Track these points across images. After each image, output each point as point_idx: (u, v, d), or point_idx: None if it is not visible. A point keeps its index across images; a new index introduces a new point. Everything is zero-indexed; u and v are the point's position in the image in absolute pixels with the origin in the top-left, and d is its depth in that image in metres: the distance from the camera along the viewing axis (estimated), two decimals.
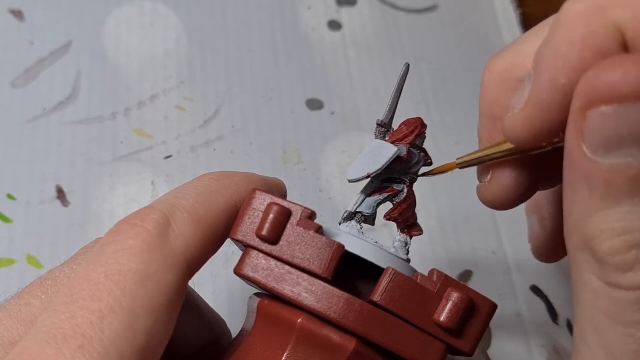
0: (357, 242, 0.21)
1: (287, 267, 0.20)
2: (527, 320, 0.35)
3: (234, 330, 0.25)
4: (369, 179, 0.23)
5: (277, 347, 0.20)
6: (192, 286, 0.24)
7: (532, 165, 0.22)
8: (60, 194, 0.35)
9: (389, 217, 0.24)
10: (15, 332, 0.20)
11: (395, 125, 0.24)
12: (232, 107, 0.39)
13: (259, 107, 0.39)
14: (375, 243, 0.22)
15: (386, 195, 0.23)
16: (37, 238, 0.34)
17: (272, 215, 0.20)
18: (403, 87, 0.24)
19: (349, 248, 0.21)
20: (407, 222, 0.24)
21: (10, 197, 0.35)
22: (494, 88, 0.22)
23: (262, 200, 0.21)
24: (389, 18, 0.44)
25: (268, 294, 0.21)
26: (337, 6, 0.44)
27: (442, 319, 0.20)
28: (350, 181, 0.23)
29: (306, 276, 0.20)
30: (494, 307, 0.21)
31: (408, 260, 0.23)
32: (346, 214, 0.23)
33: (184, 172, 0.37)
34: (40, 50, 0.39)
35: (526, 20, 0.45)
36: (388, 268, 0.20)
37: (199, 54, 0.41)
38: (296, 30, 0.42)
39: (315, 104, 0.40)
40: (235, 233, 0.21)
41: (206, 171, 0.23)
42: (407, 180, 0.24)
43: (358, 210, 0.23)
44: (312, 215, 0.21)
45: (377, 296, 0.20)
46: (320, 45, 0.42)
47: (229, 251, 0.34)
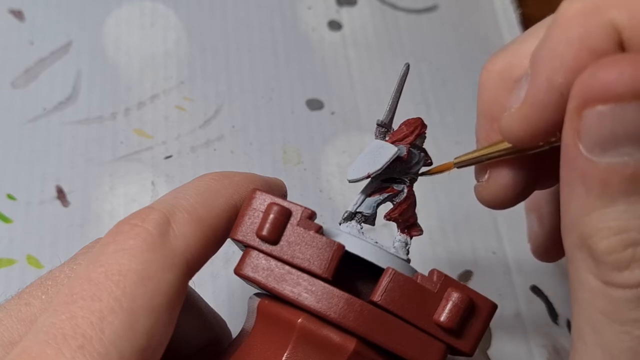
0: (357, 242, 0.21)
1: (287, 267, 0.20)
2: (527, 320, 0.35)
3: (234, 330, 0.25)
4: (369, 179, 0.23)
5: (277, 347, 0.20)
6: (192, 286, 0.24)
7: (529, 165, 0.22)
8: (60, 194, 0.35)
9: (389, 217, 0.24)
10: (15, 332, 0.20)
11: (395, 125, 0.24)
12: (232, 107, 0.39)
13: (259, 107, 0.39)
14: (375, 243, 0.22)
15: (386, 195, 0.23)
16: (37, 238, 0.34)
17: (272, 215, 0.20)
18: (403, 87, 0.24)
19: (349, 248, 0.21)
20: (407, 222, 0.24)
21: (10, 197, 0.35)
22: (491, 88, 0.22)
23: (262, 200, 0.21)
24: (389, 18, 0.44)
25: (268, 294, 0.21)
26: (337, 6, 0.44)
27: (442, 319, 0.20)
28: (350, 181, 0.23)
29: (306, 276, 0.20)
30: (494, 307, 0.21)
31: (408, 260, 0.23)
32: (346, 214, 0.23)
33: (184, 172, 0.37)
34: (40, 50, 0.39)
35: (526, 20, 0.45)
36: (388, 268, 0.20)
37: (199, 54, 0.41)
38: (296, 30, 0.42)
39: (315, 104, 0.40)
40: (235, 233, 0.21)
41: (206, 171, 0.23)
42: (407, 180, 0.24)
43: (358, 210, 0.23)
44: (312, 215, 0.21)
45: (377, 296, 0.20)
46: (320, 45, 0.42)
47: (229, 251, 0.34)
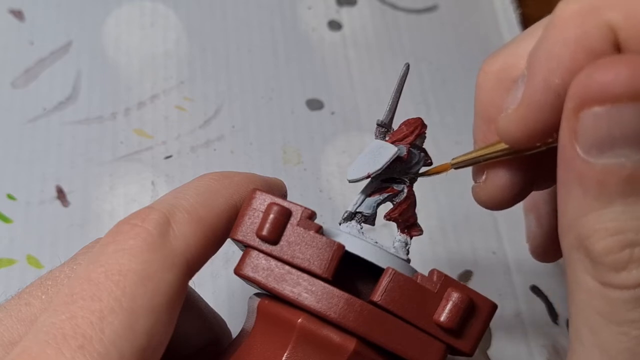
0: (357, 242, 0.21)
1: (287, 267, 0.20)
2: (527, 320, 0.35)
3: (234, 330, 0.25)
4: (369, 179, 0.23)
5: (277, 347, 0.20)
6: (192, 286, 0.24)
7: (526, 165, 0.22)
8: (60, 194, 0.35)
9: (389, 217, 0.24)
10: (15, 332, 0.20)
11: (395, 125, 0.24)
12: (232, 107, 0.39)
13: (259, 107, 0.39)
14: (375, 243, 0.22)
15: (386, 195, 0.23)
16: (37, 238, 0.34)
17: (272, 215, 0.20)
18: (403, 87, 0.24)
19: (349, 248, 0.21)
20: (407, 222, 0.24)
21: (10, 197, 0.35)
22: (488, 89, 0.22)
23: (262, 200, 0.21)
24: (389, 18, 0.44)
25: (268, 294, 0.21)
26: (337, 6, 0.44)
27: (442, 319, 0.20)
28: (350, 181, 0.23)
29: (306, 276, 0.20)
30: (494, 307, 0.21)
31: (408, 260, 0.23)
32: (346, 214, 0.23)
33: (184, 172, 0.37)
34: (40, 50, 0.39)
35: (526, 20, 0.45)
36: (388, 268, 0.20)
37: (199, 54, 0.41)
38: (296, 30, 0.42)
39: (315, 104, 0.40)
40: (235, 233, 0.21)
41: (206, 171, 0.23)
42: (407, 180, 0.24)
43: (358, 210, 0.23)
44: (312, 215, 0.21)
45: (377, 296, 0.20)
46: (320, 45, 0.42)
47: (229, 251, 0.34)
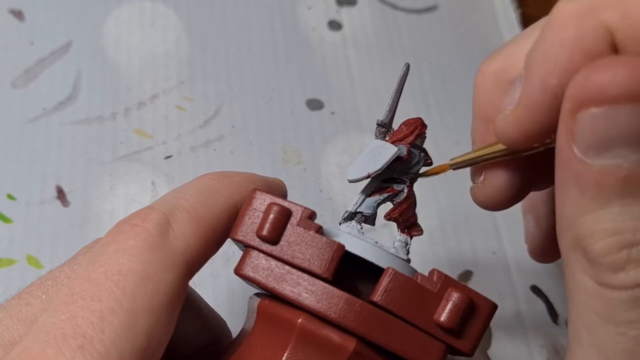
0: (357, 242, 0.21)
1: (287, 267, 0.20)
2: (527, 320, 0.35)
3: (234, 330, 0.25)
4: (369, 179, 0.23)
5: (277, 347, 0.20)
6: (192, 286, 0.24)
7: (524, 166, 0.22)
8: (60, 194, 0.35)
9: (389, 217, 0.24)
10: (16, 332, 0.20)
11: (395, 125, 0.24)
12: (232, 107, 0.39)
13: (259, 107, 0.39)
14: (375, 243, 0.22)
15: (386, 195, 0.23)
16: (37, 238, 0.34)
17: (272, 215, 0.20)
18: (403, 87, 0.24)
19: (349, 248, 0.21)
20: (407, 222, 0.24)
21: (10, 197, 0.35)
22: (486, 89, 0.22)
23: (262, 200, 0.21)
24: (389, 18, 0.44)
25: (268, 294, 0.21)
26: (337, 6, 0.44)
27: (442, 319, 0.20)
28: (350, 181, 0.23)
29: (306, 276, 0.20)
30: (494, 307, 0.21)
31: (408, 260, 0.23)
32: (346, 214, 0.23)
33: (184, 172, 0.37)
34: (40, 50, 0.39)
35: (526, 20, 0.45)
36: (388, 268, 0.20)
37: (199, 54, 0.41)
38: (296, 30, 0.42)
39: (315, 104, 0.40)
40: (235, 233, 0.21)
41: (206, 171, 0.23)
42: (407, 180, 0.24)
43: (358, 210, 0.23)
44: (312, 215, 0.21)
45: (377, 296, 0.20)
46: (320, 45, 0.42)
47: (229, 251, 0.34)
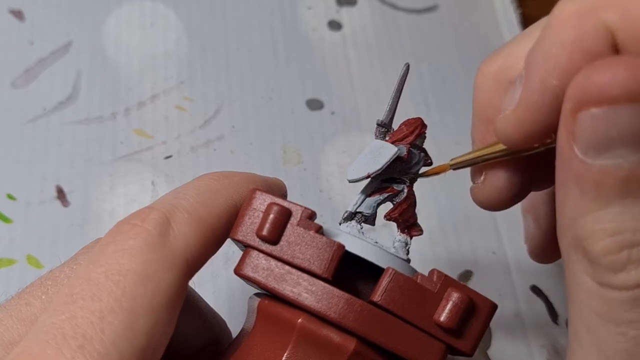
0: (357, 242, 0.21)
1: (287, 267, 0.20)
2: (527, 320, 0.35)
3: (234, 330, 0.25)
4: (369, 179, 0.23)
5: (277, 347, 0.20)
6: (192, 286, 0.24)
7: (525, 166, 0.22)
8: (60, 194, 0.35)
9: (389, 217, 0.24)
10: (16, 332, 0.20)
11: (395, 125, 0.24)
12: (232, 107, 0.39)
13: (259, 107, 0.39)
14: (375, 243, 0.22)
15: (386, 195, 0.23)
16: (37, 238, 0.34)
17: (272, 215, 0.20)
18: (403, 87, 0.24)
19: (349, 248, 0.21)
20: (407, 222, 0.24)
21: (10, 197, 0.35)
22: (486, 90, 0.22)
23: (262, 200, 0.21)
24: (389, 18, 0.44)
25: (268, 294, 0.21)
26: (337, 6, 0.44)
27: (442, 319, 0.20)
28: (350, 181, 0.23)
29: (306, 276, 0.20)
30: (494, 307, 0.21)
31: (408, 260, 0.23)
32: (346, 214, 0.23)
33: (184, 172, 0.37)
34: (40, 50, 0.39)
35: (526, 20, 0.45)
36: (388, 268, 0.20)
37: (199, 54, 0.41)
38: (296, 30, 0.42)
39: (315, 104, 0.40)
40: (235, 233, 0.21)
41: (206, 171, 0.23)
42: (407, 180, 0.24)
43: (358, 210, 0.23)
44: (312, 215, 0.21)
45: (377, 296, 0.20)
46: (320, 45, 0.42)
47: (229, 251, 0.34)
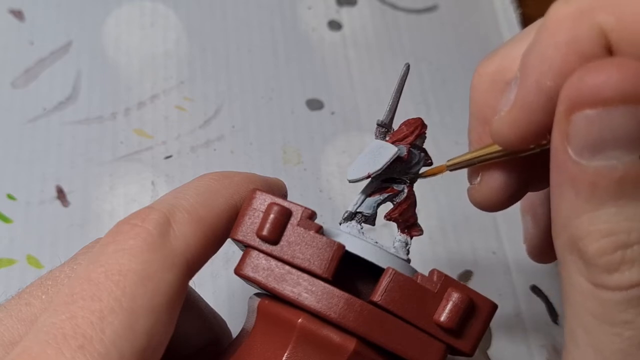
0: (357, 242, 0.21)
1: (287, 267, 0.20)
2: (527, 320, 0.35)
3: (234, 330, 0.25)
4: (369, 179, 0.23)
5: (278, 347, 0.20)
6: (192, 286, 0.24)
7: (521, 167, 0.22)
8: (60, 194, 0.35)
9: (389, 217, 0.24)
10: (16, 332, 0.20)
11: (395, 125, 0.24)
12: (232, 107, 0.39)
13: (259, 107, 0.39)
14: (375, 243, 0.22)
15: (386, 195, 0.23)
16: (37, 238, 0.34)
17: (272, 215, 0.20)
18: (403, 87, 0.24)
19: (349, 248, 0.21)
20: (407, 222, 0.24)
21: (10, 197, 0.35)
22: (483, 90, 0.22)
23: (263, 200, 0.21)
24: (389, 18, 0.44)
25: (268, 294, 0.21)
26: (337, 6, 0.44)
27: (442, 319, 0.20)
28: (350, 181, 0.23)
29: (306, 276, 0.20)
30: (494, 307, 0.21)
31: (408, 260, 0.23)
32: (346, 214, 0.23)
33: (184, 172, 0.37)
34: (40, 50, 0.39)
35: (526, 20, 0.45)
36: (388, 268, 0.20)
37: (199, 54, 0.41)
38: (296, 30, 0.42)
39: (315, 104, 0.40)
40: (235, 233, 0.21)
41: (206, 171, 0.23)
42: (407, 180, 0.24)
43: (358, 210, 0.23)
44: (312, 215, 0.21)
45: (377, 296, 0.20)
46: (320, 45, 0.42)
47: (229, 251, 0.34)
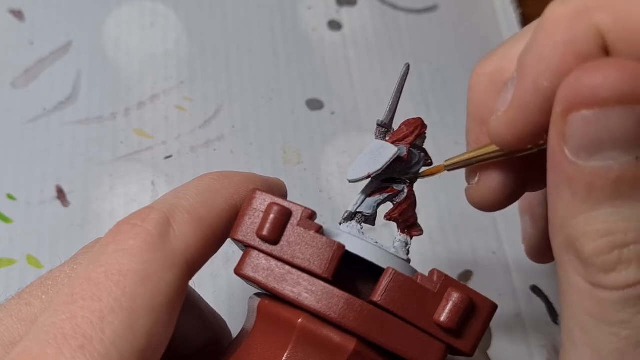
0: (357, 242, 0.21)
1: (287, 267, 0.20)
2: (527, 320, 0.35)
3: (234, 330, 0.25)
4: (369, 179, 0.23)
5: (278, 347, 0.20)
6: (192, 286, 0.24)
7: (519, 167, 0.22)
8: (60, 194, 0.35)
9: (389, 217, 0.24)
10: (16, 332, 0.20)
11: (395, 125, 0.24)
12: (232, 107, 0.39)
13: (259, 107, 0.39)
14: (375, 243, 0.22)
15: (386, 195, 0.23)
16: (37, 238, 0.34)
17: (272, 215, 0.20)
18: (403, 87, 0.24)
19: (349, 248, 0.21)
20: (407, 222, 0.24)
21: (10, 197, 0.35)
22: (481, 91, 0.22)
23: (263, 200, 0.21)
24: (389, 18, 0.44)
25: (268, 294, 0.21)
26: (337, 6, 0.44)
27: (442, 319, 0.20)
28: (350, 181, 0.23)
29: (306, 276, 0.20)
30: (494, 307, 0.21)
31: (408, 260, 0.23)
32: (346, 214, 0.23)
33: (184, 172, 0.37)
34: (40, 50, 0.39)
35: (526, 20, 0.45)
36: (388, 268, 0.20)
37: (199, 54, 0.41)
38: (296, 30, 0.42)
39: (315, 104, 0.40)
40: (235, 233, 0.21)
41: (206, 171, 0.23)
42: (407, 180, 0.24)
43: (358, 210, 0.23)
44: (312, 215, 0.21)
45: (377, 296, 0.20)
46: (320, 45, 0.42)
47: (229, 251, 0.34)
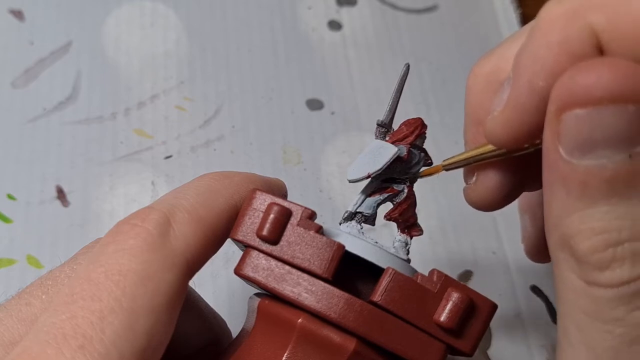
0: (357, 242, 0.21)
1: (287, 267, 0.20)
2: (527, 320, 0.35)
3: (234, 330, 0.25)
4: (369, 179, 0.23)
5: (278, 347, 0.20)
6: (192, 286, 0.24)
7: (516, 167, 0.22)
8: (60, 194, 0.35)
9: (389, 217, 0.24)
10: (16, 332, 0.20)
11: (395, 125, 0.24)
12: (232, 107, 0.39)
13: (259, 107, 0.39)
14: (375, 243, 0.22)
15: (386, 195, 0.23)
16: (37, 238, 0.34)
17: (272, 215, 0.20)
18: (403, 87, 0.24)
19: (349, 248, 0.21)
20: (407, 222, 0.24)
21: (10, 197, 0.35)
22: (478, 91, 0.22)
23: (263, 200, 0.21)
24: (389, 18, 0.44)
25: (268, 294, 0.21)
26: (337, 6, 0.44)
27: (442, 319, 0.20)
28: (350, 181, 0.23)
29: (306, 276, 0.20)
30: (494, 307, 0.21)
31: (408, 260, 0.23)
32: (346, 214, 0.23)
33: (184, 172, 0.37)
34: (40, 50, 0.39)
35: (526, 20, 0.45)
36: (388, 268, 0.20)
37: (199, 54, 0.41)
38: (296, 30, 0.42)
39: (315, 104, 0.40)
40: (235, 233, 0.21)
41: (206, 171, 0.23)
42: (407, 180, 0.24)
43: (358, 210, 0.23)
44: (312, 215, 0.21)
45: (377, 296, 0.20)
46: (320, 45, 0.42)
47: (229, 251, 0.34)
